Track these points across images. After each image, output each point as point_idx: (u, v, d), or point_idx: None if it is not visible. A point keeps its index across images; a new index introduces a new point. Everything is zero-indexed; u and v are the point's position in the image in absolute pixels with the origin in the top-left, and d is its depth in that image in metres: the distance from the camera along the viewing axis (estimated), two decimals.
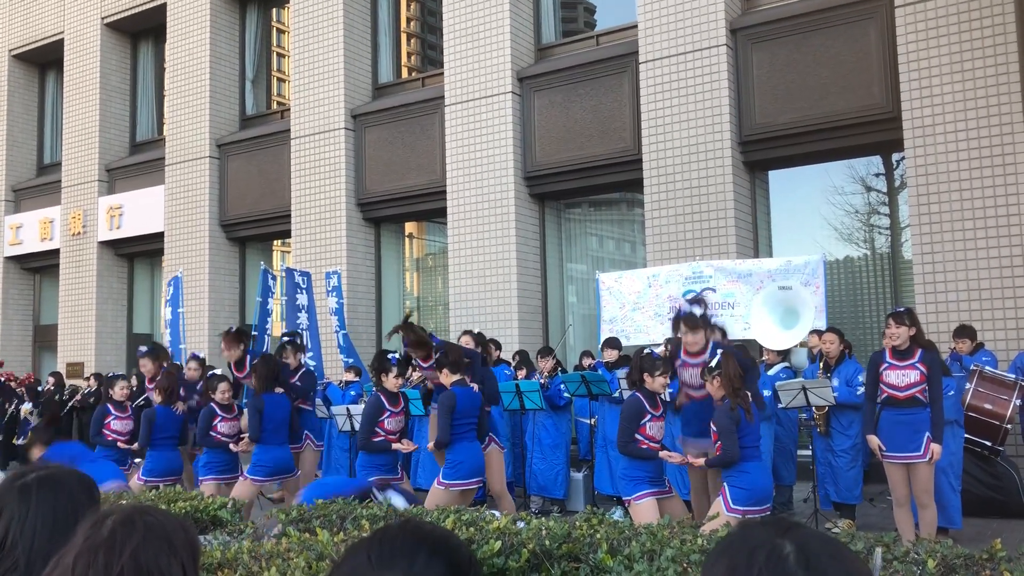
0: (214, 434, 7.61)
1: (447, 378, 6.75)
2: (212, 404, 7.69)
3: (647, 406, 5.94)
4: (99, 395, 8.82)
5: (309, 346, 12.11)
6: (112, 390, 8.41)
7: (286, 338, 9.06)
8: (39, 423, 7.57)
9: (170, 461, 8.01)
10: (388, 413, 6.97)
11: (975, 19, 8.97)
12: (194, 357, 9.81)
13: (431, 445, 6.85)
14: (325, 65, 13.62)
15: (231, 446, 7.66)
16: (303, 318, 12.07)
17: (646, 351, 6.29)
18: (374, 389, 7.40)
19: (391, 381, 7.04)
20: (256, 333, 11.91)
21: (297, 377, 8.33)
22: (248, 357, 8.10)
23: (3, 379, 14.54)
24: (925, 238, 9.04)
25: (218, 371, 8.38)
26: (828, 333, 7.82)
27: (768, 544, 1.16)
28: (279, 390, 7.56)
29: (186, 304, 13.95)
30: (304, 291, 12.12)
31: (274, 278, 12.24)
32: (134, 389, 9.02)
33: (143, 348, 9.13)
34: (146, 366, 8.86)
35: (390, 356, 7.28)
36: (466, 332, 8.90)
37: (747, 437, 5.51)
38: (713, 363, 5.64)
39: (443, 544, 1.24)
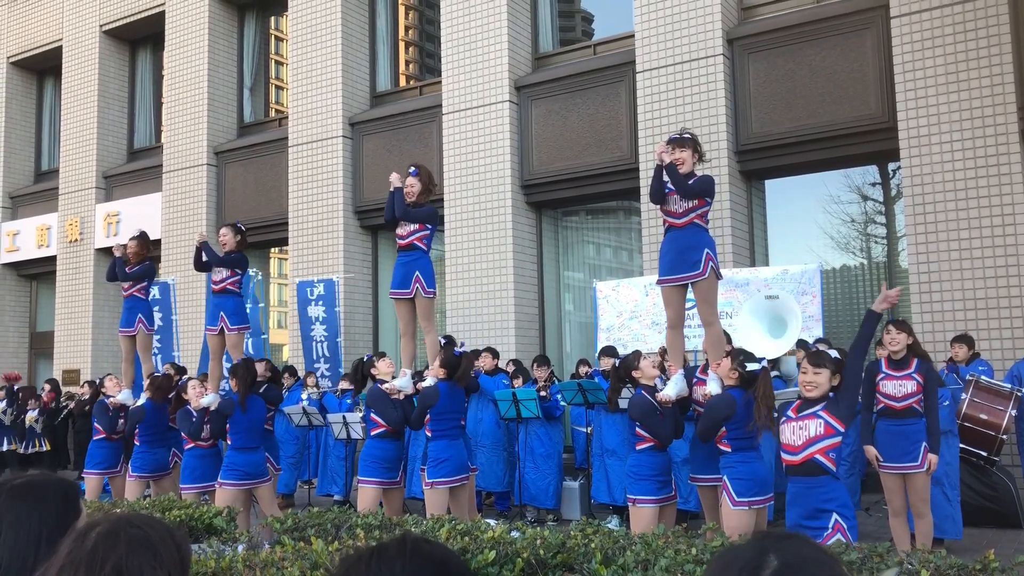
0: None
1: (437, 371, 6.78)
2: None
3: (652, 400, 5.82)
4: (95, 398, 8.94)
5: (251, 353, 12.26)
6: (104, 388, 8.73)
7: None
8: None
9: (158, 458, 8.16)
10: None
11: (970, 29, 9.01)
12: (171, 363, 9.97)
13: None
14: (323, 73, 13.64)
15: None
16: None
17: (613, 363, 6.29)
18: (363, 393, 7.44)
19: (384, 366, 7.05)
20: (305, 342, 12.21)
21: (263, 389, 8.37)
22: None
23: (15, 387, 14.53)
24: (921, 247, 9.06)
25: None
26: (819, 345, 7.80)
27: (751, 559, 1.14)
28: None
29: (182, 311, 13.94)
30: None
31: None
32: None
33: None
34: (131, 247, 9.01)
35: (365, 357, 7.35)
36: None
37: (744, 427, 5.45)
38: (750, 367, 5.53)
39: (445, 566, 1.21)
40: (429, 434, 6.81)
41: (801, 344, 7.90)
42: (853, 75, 9.89)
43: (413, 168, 7.30)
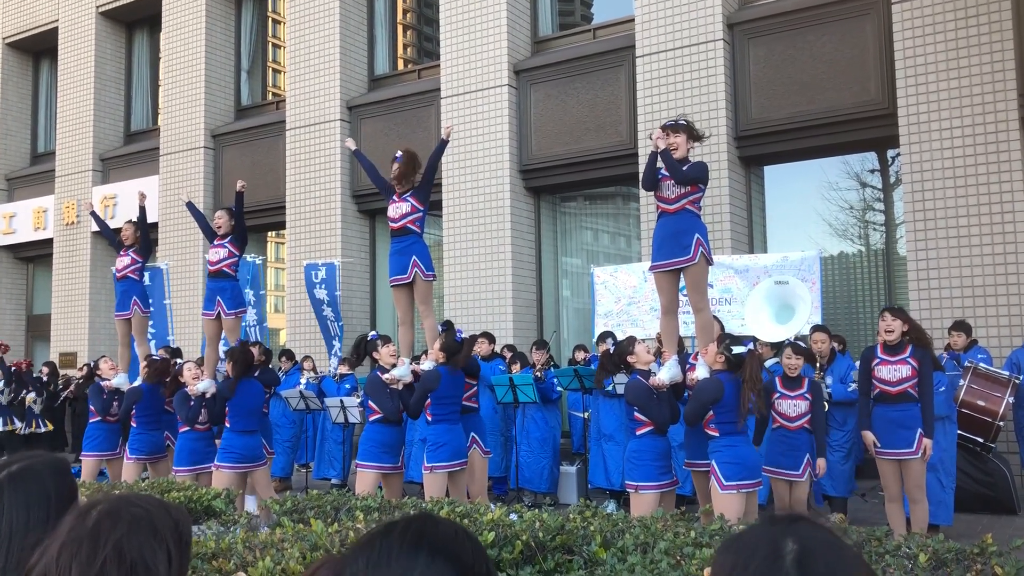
0: None
1: (435, 354, 6.78)
2: None
3: (648, 384, 5.85)
4: (90, 380, 8.95)
5: (257, 338, 12.35)
6: (99, 370, 8.72)
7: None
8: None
9: (155, 440, 8.17)
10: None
11: (971, 16, 8.98)
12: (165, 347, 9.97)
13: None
14: (321, 56, 13.58)
15: None
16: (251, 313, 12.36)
17: (608, 348, 6.36)
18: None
19: (386, 353, 7.03)
20: (337, 324, 12.28)
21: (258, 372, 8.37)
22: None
23: (13, 367, 14.50)
24: (920, 234, 9.06)
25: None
26: (817, 332, 7.82)
27: (769, 543, 1.14)
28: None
29: (179, 295, 13.92)
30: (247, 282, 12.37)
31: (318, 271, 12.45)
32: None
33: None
34: (127, 231, 9.00)
35: (370, 336, 7.31)
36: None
37: (732, 412, 5.48)
38: (736, 349, 5.58)
39: (445, 546, 1.18)
40: (429, 418, 6.81)
41: (820, 328, 7.95)
42: (853, 61, 9.86)
43: (398, 153, 7.25)
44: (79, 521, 1.42)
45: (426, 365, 6.87)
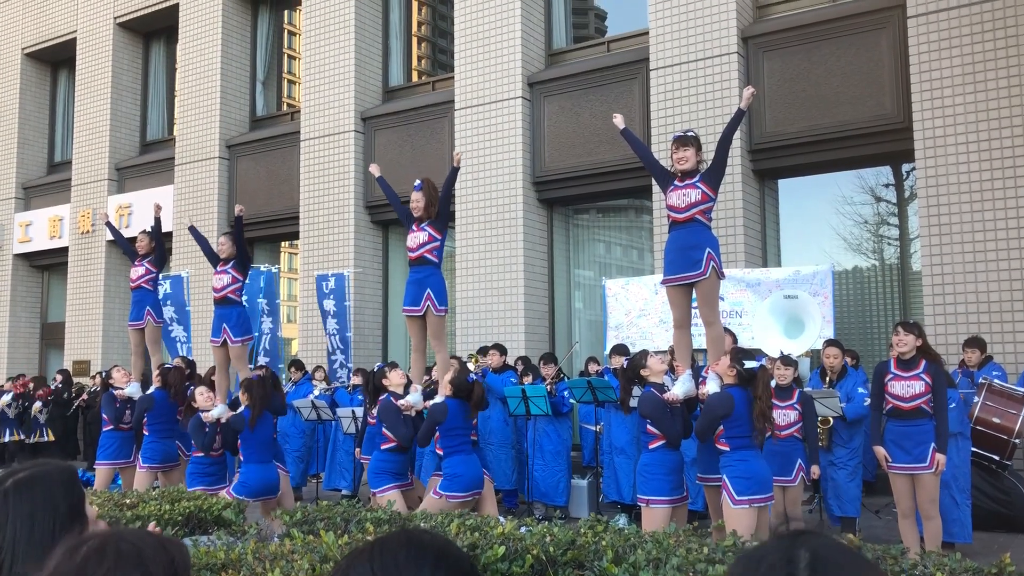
0: None
1: (445, 388, 6.78)
2: None
3: (662, 397, 5.83)
4: (104, 389, 8.98)
5: (269, 348, 12.37)
6: (111, 379, 8.76)
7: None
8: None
9: (167, 448, 8.17)
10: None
11: (987, 30, 8.95)
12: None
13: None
14: (335, 68, 13.65)
15: None
16: (267, 322, 12.36)
17: (622, 364, 6.40)
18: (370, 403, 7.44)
19: (396, 377, 7.03)
20: (335, 335, 12.31)
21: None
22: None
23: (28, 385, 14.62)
24: (935, 249, 9.00)
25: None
26: (829, 347, 7.76)
27: (781, 553, 1.14)
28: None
29: (194, 303, 13.97)
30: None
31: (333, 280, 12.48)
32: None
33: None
34: (142, 242, 9.14)
35: (376, 367, 7.34)
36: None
37: (743, 426, 5.45)
38: (748, 365, 5.55)
39: (445, 555, 1.22)
40: (440, 452, 6.79)
41: (832, 344, 7.88)
42: (868, 75, 9.83)
43: (418, 182, 7.29)
44: (67, 557, 1.39)
45: (436, 399, 6.88)
